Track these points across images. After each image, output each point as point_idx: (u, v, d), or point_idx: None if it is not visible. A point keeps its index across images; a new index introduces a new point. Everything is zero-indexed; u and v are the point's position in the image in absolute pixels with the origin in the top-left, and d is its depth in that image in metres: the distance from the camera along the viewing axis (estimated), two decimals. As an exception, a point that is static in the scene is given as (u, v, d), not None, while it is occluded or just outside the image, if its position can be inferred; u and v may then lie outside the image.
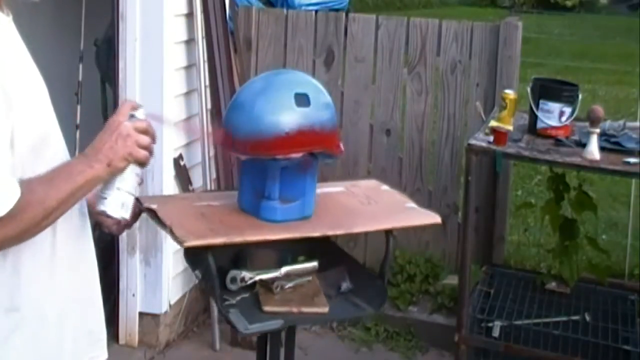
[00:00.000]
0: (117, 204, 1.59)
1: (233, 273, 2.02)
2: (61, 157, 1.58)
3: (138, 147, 1.56)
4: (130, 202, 1.62)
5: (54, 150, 1.56)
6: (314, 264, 2.10)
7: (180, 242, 1.81)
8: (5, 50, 1.47)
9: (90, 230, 1.69)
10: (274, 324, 1.96)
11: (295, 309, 2.00)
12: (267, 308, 1.98)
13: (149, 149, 1.58)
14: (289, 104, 1.91)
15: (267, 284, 2.05)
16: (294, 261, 2.12)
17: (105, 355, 1.76)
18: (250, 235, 1.91)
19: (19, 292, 1.51)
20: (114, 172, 1.55)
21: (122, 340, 3.62)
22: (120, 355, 3.53)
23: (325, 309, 2.03)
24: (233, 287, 2.02)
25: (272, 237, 1.93)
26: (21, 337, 1.53)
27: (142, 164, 1.59)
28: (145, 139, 1.57)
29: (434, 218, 2.20)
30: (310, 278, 2.12)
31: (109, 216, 1.62)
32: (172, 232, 1.83)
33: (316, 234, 1.99)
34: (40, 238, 1.50)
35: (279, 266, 2.04)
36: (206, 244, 1.83)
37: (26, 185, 1.42)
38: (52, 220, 1.48)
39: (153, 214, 1.89)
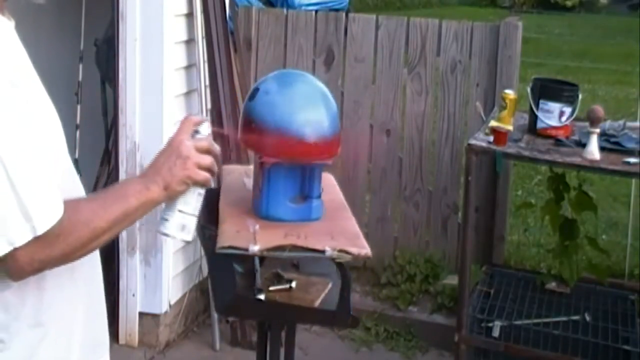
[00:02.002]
0: (178, 226, 1.53)
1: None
2: (63, 164, 1.50)
3: (198, 168, 1.49)
4: (192, 224, 1.55)
5: (57, 160, 1.47)
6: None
7: (366, 256, 1.90)
8: (14, 55, 1.41)
9: None
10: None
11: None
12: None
13: (210, 170, 1.51)
14: (334, 103, 2.02)
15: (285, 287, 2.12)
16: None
17: (108, 359, 1.73)
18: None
19: (43, 306, 1.45)
20: (171, 196, 1.49)
21: (122, 340, 3.62)
22: (120, 355, 3.53)
23: (331, 284, 2.15)
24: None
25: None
26: (45, 351, 1.46)
27: (203, 185, 1.52)
28: (206, 160, 1.50)
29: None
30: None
31: (171, 238, 1.56)
32: (346, 252, 1.88)
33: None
34: None
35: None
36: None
37: (72, 205, 1.37)
38: (102, 241, 1.42)
39: (292, 247, 1.90)
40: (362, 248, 1.90)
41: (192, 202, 1.53)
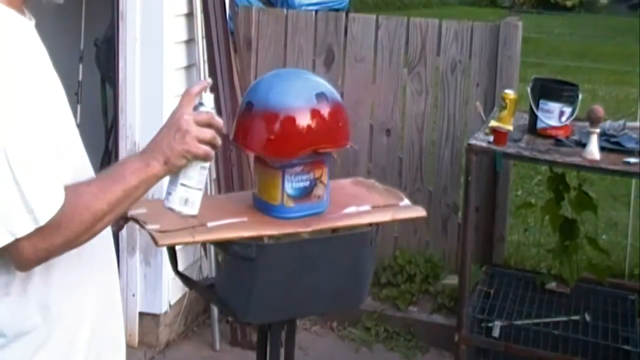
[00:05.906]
0: (181, 200, 1.51)
1: None
2: (77, 160, 1.53)
3: (199, 142, 1.46)
4: (196, 197, 1.52)
5: (73, 157, 1.50)
6: None
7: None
8: (32, 54, 1.44)
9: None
10: None
11: None
12: None
13: (212, 143, 1.48)
14: None
15: None
16: None
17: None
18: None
19: (49, 298, 1.43)
20: (172, 170, 1.47)
21: (122, 340, 3.61)
22: (120, 355, 3.53)
23: None
24: None
25: None
26: (54, 340, 1.45)
27: (204, 159, 1.49)
28: (207, 133, 1.47)
29: None
30: None
31: (176, 213, 1.54)
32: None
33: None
34: None
35: None
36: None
37: (73, 190, 1.36)
38: (106, 223, 1.41)
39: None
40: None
41: (194, 176, 1.50)
